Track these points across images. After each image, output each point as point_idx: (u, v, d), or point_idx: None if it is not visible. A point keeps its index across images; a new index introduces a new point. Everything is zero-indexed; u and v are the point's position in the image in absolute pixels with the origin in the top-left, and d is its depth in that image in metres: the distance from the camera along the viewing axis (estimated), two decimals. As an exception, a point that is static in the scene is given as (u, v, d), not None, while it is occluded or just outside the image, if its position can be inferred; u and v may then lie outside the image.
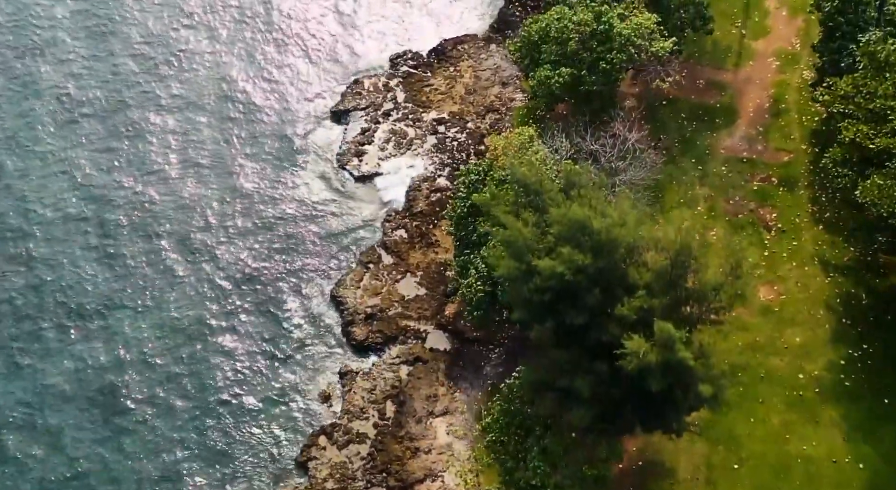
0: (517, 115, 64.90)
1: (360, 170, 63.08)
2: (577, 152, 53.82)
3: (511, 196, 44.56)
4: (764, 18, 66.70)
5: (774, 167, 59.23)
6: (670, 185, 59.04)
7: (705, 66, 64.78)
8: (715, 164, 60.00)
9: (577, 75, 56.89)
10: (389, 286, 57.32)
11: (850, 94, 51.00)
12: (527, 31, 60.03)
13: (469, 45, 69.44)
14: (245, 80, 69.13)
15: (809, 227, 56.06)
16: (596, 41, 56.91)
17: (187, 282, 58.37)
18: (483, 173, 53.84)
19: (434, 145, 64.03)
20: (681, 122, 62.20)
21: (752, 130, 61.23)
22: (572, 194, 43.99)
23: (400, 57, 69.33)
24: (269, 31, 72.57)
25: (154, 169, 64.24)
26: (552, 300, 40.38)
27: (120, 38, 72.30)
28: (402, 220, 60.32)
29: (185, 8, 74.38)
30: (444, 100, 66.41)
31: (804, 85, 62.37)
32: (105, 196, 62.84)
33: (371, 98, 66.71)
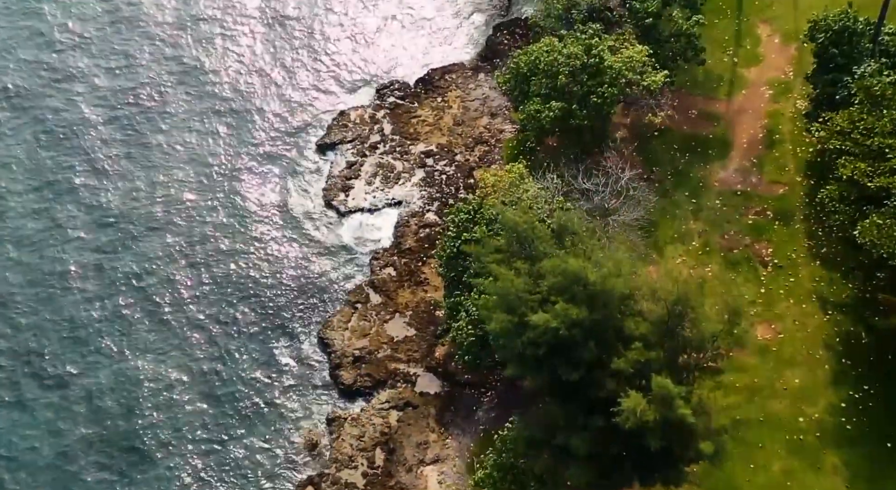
0: (507, 147, 63.68)
1: (346, 205, 61.63)
2: (568, 190, 52.55)
3: (502, 242, 43.23)
4: (756, 46, 65.67)
5: (769, 200, 58.09)
6: (664, 219, 57.83)
7: (697, 96, 63.65)
8: (709, 198, 58.84)
9: (567, 109, 55.72)
10: (378, 327, 55.86)
11: (846, 129, 49.99)
12: (515, 63, 58.85)
13: (457, 75, 68.16)
14: (228, 113, 67.52)
15: (806, 263, 54.94)
16: (586, 74, 55.74)
17: (169, 324, 56.71)
18: (473, 212, 52.56)
19: (422, 179, 62.66)
20: (673, 154, 61.05)
21: (746, 162, 60.13)
22: (565, 241, 42.81)
23: (386, 87, 67.98)
24: (251, 64, 70.90)
25: (128, 209, 62.76)
26: (546, 354, 39.04)
27: (87, 85, 70.26)
28: (390, 257, 58.89)
29: (164, 38, 72.86)
30: (432, 131, 65.08)
31: (798, 115, 61.31)
32: (80, 236, 61.37)
33: (357, 130, 65.33)
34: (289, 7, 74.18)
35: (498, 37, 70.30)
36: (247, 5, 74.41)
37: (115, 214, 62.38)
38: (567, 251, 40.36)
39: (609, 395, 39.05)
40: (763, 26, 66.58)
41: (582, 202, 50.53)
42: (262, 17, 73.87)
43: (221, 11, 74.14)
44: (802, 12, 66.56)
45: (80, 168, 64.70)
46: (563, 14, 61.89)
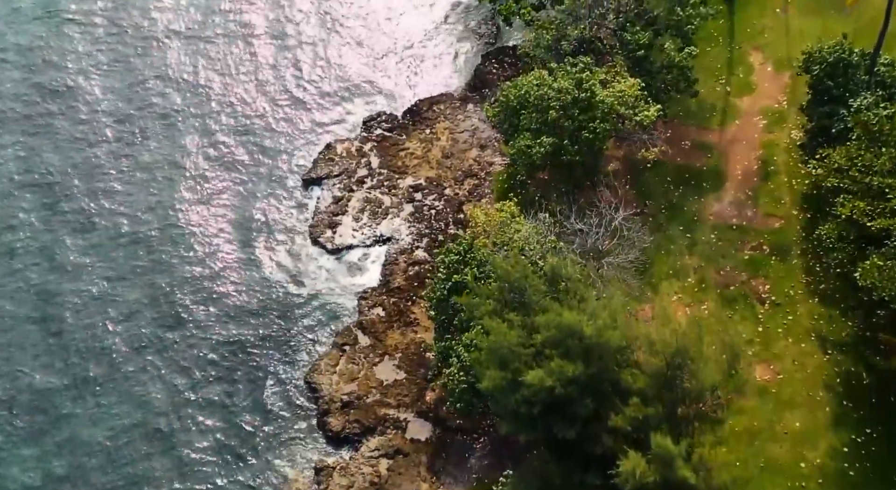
0: (496, 181, 62.36)
1: (333, 242, 60.10)
2: (561, 231, 51.20)
3: (493, 291, 41.86)
4: (749, 74, 64.58)
5: (765, 234, 56.90)
6: (658, 254, 56.51)
7: (690, 126, 62.47)
8: (704, 232, 57.62)
9: (558, 145, 54.48)
10: (367, 370, 54.33)
11: (843, 166, 48.90)
12: (505, 96, 57.59)
13: (445, 106, 66.84)
14: (209, 146, 65.88)
15: (804, 300, 53.71)
16: (578, 109, 54.53)
17: (150, 370, 55.02)
18: (463, 253, 51.17)
19: (411, 214, 61.24)
20: (666, 187, 59.81)
21: (741, 195, 58.95)
22: (559, 288, 41.51)
23: (373, 119, 66.54)
24: (232, 96, 69.13)
25: (111, 250, 61.08)
26: (541, 412, 37.65)
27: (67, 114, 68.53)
28: (378, 296, 57.40)
29: (139, 69, 71.18)
30: (421, 164, 63.71)
31: (793, 145, 60.23)
32: (60, 280, 59.76)
33: (344, 164, 63.89)
34: (272, 38, 72.53)
35: (486, 66, 69.03)
36: (229, 40, 72.63)
37: (87, 251, 60.81)
38: (561, 302, 38.99)
39: (606, 451, 37.76)
40: (755, 54, 65.55)
41: (575, 246, 49.14)
42: (244, 48, 72.13)
43: (203, 42, 72.70)
44: (794, 39, 65.69)
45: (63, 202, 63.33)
46: (553, 44, 60.75)
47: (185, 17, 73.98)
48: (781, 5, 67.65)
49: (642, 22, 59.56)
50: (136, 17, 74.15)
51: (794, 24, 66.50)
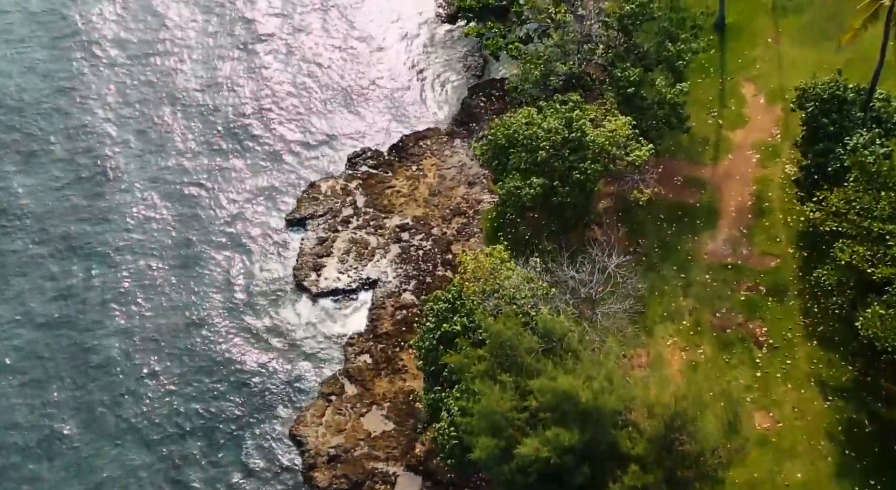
0: (485, 219, 60.80)
1: (318, 286, 58.35)
2: (553, 276, 49.63)
3: (485, 353, 40.26)
4: (741, 107, 63.32)
5: (761, 274, 55.53)
6: (652, 296, 55.06)
7: (682, 161, 61.13)
8: (698, 272, 56.21)
9: (549, 186, 53.06)
10: (354, 421, 52.55)
11: (842, 209, 47.63)
12: (493, 134, 56.16)
13: (432, 141, 65.29)
14: (189, 185, 64.04)
15: (803, 343, 52.32)
16: (568, 149, 53.15)
17: (122, 424, 53.06)
18: (452, 301, 49.57)
19: (398, 255, 59.58)
20: (659, 225, 58.42)
21: (736, 232, 57.58)
22: (553, 348, 39.98)
23: (358, 156, 64.86)
24: (213, 133, 67.25)
25: (83, 292, 59.13)
26: (536, 481, 36.05)
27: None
28: (365, 343, 55.68)
29: (116, 120, 68.67)
30: (408, 203, 62.11)
31: (787, 181, 58.95)
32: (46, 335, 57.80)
33: (329, 203, 62.18)
34: (253, 72, 70.76)
35: (473, 99, 67.55)
36: (211, 75, 70.83)
37: (58, 298, 58.96)
38: (555, 364, 37.43)
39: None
40: (747, 85, 64.33)
41: (567, 296, 47.57)
42: (225, 83, 70.31)
43: (183, 79, 70.98)
44: (787, 70, 64.58)
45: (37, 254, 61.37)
46: (541, 79, 59.37)
47: (166, 56, 72.02)
48: (773, 35, 66.56)
49: (632, 57, 58.26)
50: (103, 54, 72.45)
51: (787, 54, 65.40)
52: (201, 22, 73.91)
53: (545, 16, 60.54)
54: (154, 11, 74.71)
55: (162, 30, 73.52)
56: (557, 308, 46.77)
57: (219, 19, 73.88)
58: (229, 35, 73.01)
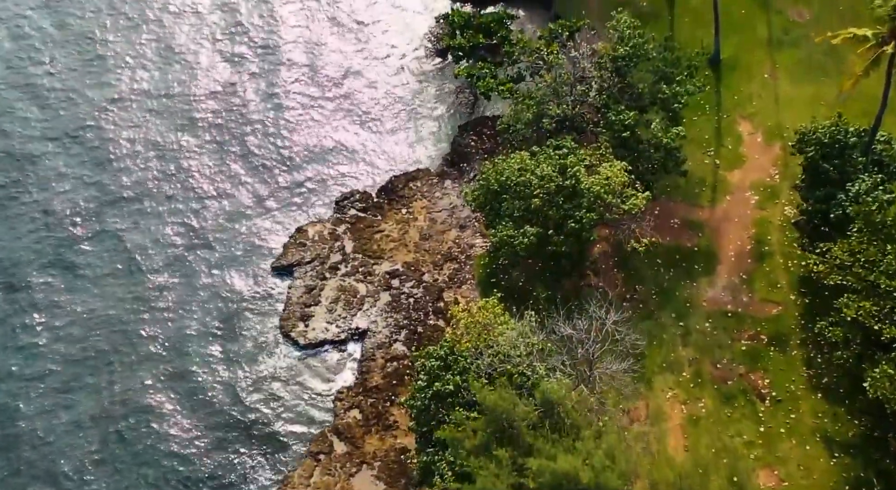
0: (478, 265, 59.03)
1: (305, 337, 56.40)
2: (548, 331, 47.92)
3: (481, 425, 38.50)
4: (738, 146, 61.83)
5: (763, 322, 53.94)
6: (651, 345, 53.42)
7: (679, 203, 59.56)
8: (698, 320, 54.59)
9: (543, 235, 51.41)
10: (343, 482, 50.58)
11: (846, 262, 46.12)
12: (485, 178, 54.52)
13: (422, 182, 63.53)
14: (171, 233, 61.89)
15: (807, 396, 50.73)
16: (562, 197, 51.55)
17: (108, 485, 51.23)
18: (445, 357, 47.82)
19: (388, 303, 57.72)
20: (657, 270, 56.80)
21: (735, 278, 56.00)
22: (552, 415, 38.26)
23: (346, 198, 62.93)
24: (197, 173, 65.20)
25: (66, 347, 56.96)
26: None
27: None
28: (355, 397, 53.78)
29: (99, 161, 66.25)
30: (398, 248, 60.31)
31: (787, 223, 57.48)
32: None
33: (316, 249, 60.30)
34: (238, 110, 68.51)
35: (464, 138, 65.78)
36: (192, 114, 68.40)
37: (44, 336, 57.02)
38: (554, 442, 35.67)
39: None
40: (744, 123, 62.86)
41: (565, 355, 45.85)
42: (206, 124, 67.94)
43: (165, 120, 69.01)
44: (784, 107, 63.23)
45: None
46: (534, 121, 57.76)
47: (147, 101, 69.53)
48: (769, 70, 65.17)
49: (626, 97, 56.71)
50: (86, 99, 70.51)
51: (784, 90, 64.03)
52: (182, 62, 71.78)
53: (537, 56, 59.05)
54: (126, 64, 71.82)
55: (138, 78, 70.78)
56: (554, 367, 45.08)
57: (201, 57, 71.85)
58: (211, 76, 70.69)
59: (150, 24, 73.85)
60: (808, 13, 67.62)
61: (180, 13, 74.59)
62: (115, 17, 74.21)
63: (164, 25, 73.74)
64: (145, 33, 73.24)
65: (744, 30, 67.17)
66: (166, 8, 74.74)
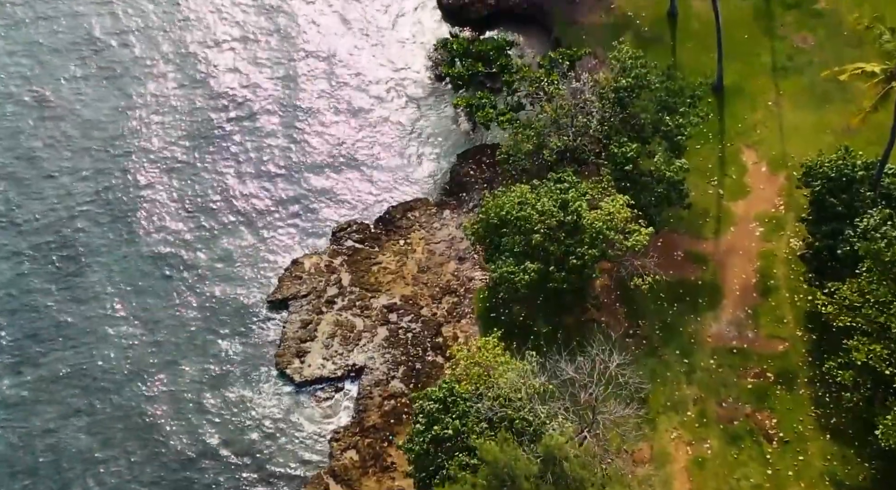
0: (477, 299, 57.79)
1: (301, 374, 55.14)
2: (550, 372, 46.66)
3: (481, 478, 37.24)
4: (742, 175, 60.63)
5: (769, 360, 52.70)
6: (654, 383, 52.21)
7: (682, 235, 58.30)
8: (702, 357, 53.37)
9: (544, 271, 50.21)
10: (340, 527, 49.47)
11: (856, 303, 44.92)
12: (485, 212, 53.34)
13: (420, 212, 62.33)
14: (165, 264, 60.58)
15: (816, 437, 49.48)
16: (563, 233, 50.38)
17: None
18: (444, 399, 46.50)
19: (385, 338, 56.50)
20: (660, 305, 55.55)
21: (740, 313, 54.79)
22: (555, 470, 37.00)
23: (343, 229, 61.66)
24: (192, 203, 63.90)
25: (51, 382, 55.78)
26: None
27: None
28: (351, 437, 52.51)
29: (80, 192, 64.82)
30: (395, 280, 59.08)
31: (793, 256, 56.27)
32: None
33: (313, 282, 59.08)
34: (232, 138, 67.10)
35: (463, 166, 64.57)
36: (187, 143, 66.98)
37: (38, 387, 55.68)
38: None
39: None
40: (748, 152, 61.67)
41: (567, 400, 44.59)
42: (201, 153, 66.46)
43: (153, 151, 67.67)
44: (789, 135, 62.06)
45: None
46: (534, 151, 56.60)
47: (132, 138, 67.69)
48: (773, 98, 64.01)
49: (628, 128, 55.58)
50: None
51: (788, 118, 62.83)
52: (178, 95, 70.31)
53: (537, 86, 57.96)
54: (124, 93, 70.22)
55: (131, 113, 69.09)
56: (556, 413, 43.84)
57: (194, 89, 70.44)
58: (204, 104, 69.33)
59: (122, 77, 71.38)
60: (812, 39, 66.54)
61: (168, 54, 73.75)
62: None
63: (141, 73, 72.00)
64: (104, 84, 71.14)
65: (747, 55, 66.04)
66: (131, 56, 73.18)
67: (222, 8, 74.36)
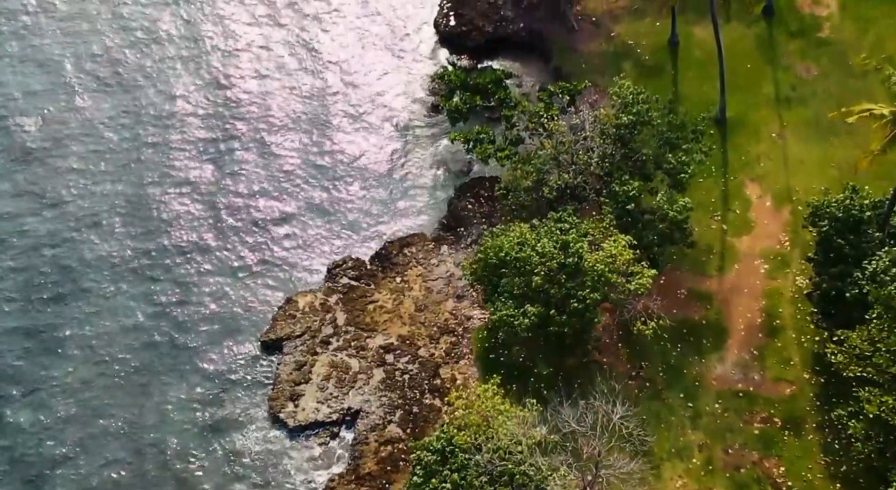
0: (476, 339, 56.34)
1: (295, 418, 53.57)
2: (552, 428, 45.24)
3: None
4: (746, 210, 59.31)
5: (776, 404, 51.29)
6: (658, 428, 50.81)
7: (685, 272, 56.93)
8: (707, 400, 51.95)
9: (544, 314, 48.85)
10: None
11: (866, 352, 43.56)
12: (484, 253, 51.98)
13: (417, 248, 60.93)
14: (155, 303, 59.03)
15: (825, 486, 47.95)
16: (565, 275, 49.02)
17: None
18: (442, 450, 45.08)
19: (382, 380, 54.99)
20: (663, 345, 54.05)
21: (746, 354, 53.41)
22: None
23: (338, 266, 60.18)
24: (184, 239, 62.41)
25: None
26: None
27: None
28: (347, 485, 50.90)
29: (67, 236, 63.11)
30: (392, 319, 57.63)
31: (799, 294, 54.93)
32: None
33: (307, 322, 57.59)
34: (225, 171, 65.68)
35: (461, 200, 63.15)
36: (184, 175, 65.75)
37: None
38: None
39: None
40: (752, 186, 60.37)
41: (568, 455, 43.18)
42: (195, 184, 65.27)
43: (149, 189, 66.25)
44: (794, 168, 60.81)
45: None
46: (534, 187, 55.30)
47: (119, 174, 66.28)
48: (777, 129, 62.78)
49: (629, 164, 54.28)
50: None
51: (792, 150, 61.60)
52: (161, 121, 69.11)
53: (536, 121, 56.67)
54: (101, 130, 68.83)
55: (121, 148, 67.80)
56: (558, 466, 42.40)
57: (183, 116, 69.24)
58: (195, 133, 68.06)
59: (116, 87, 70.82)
60: (815, 69, 65.32)
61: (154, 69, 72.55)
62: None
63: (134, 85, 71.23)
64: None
65: (750, 86, 64.82)
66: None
67: (194, 54, 72.83)
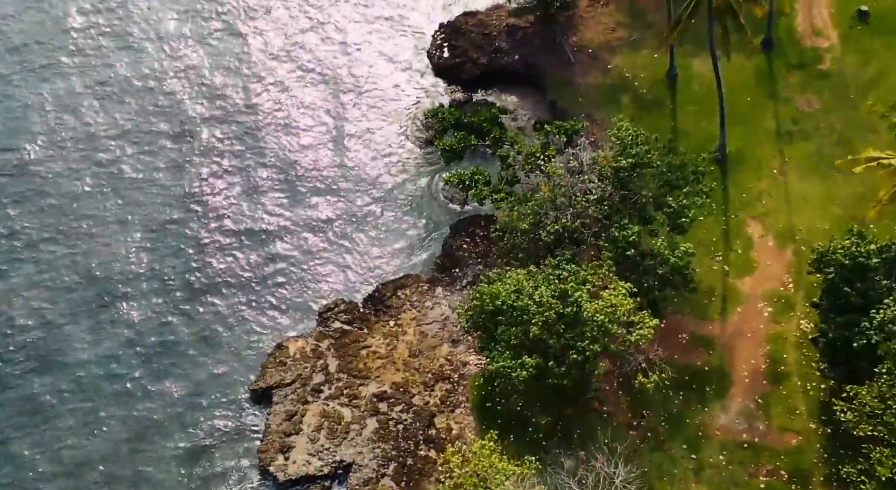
0: (472, 387, 54.68)
1: (285, 472, 51.74)
2: (551, 483, 43.73)
3: None
4: (748, 250, 57.84)
5: (782, 455, 49.70)
6: (660, 481, 49.24)
7: (687, 315, 55.37)
8: (711, 452, 50.35)
9: (543, 365, 47.28)
10: None
11: (877, 410, 42.04)
12: (479, 299, 50.41)
13: (411, 290, 59.29)
14: (139, 353, 57.35)
15: (834, 545, 46.67)
16: (563, 325, 47.48)
17: None
18: (437, 511, 43.64)
19: (375, 431, 53.27)
20: (665, 393, 52.35)
21: (750, 403, 51.83)
22: None
23: (330, 309, 58.47)
24: (172, 279, 60.83)
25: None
26: None
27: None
28: (339, 543, 49.52)
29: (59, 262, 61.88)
30: (385, 366, 55.98)
31: (804, 339, 53.41)
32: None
33: (298, 369, 55.89)
34: (211, 209, 64.11)
35: (456, 239, 61.49)
36: (167, 214, 64.28)
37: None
38: None
39: None
40: (754, 224, 58.92)
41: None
42: (179, 225, 63.59)
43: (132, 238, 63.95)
44: (796, 206, 59.39)
45: None
46: (531, 230, 53.75)
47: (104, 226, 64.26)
48: (779, 165, 61.37)
49: (628, 205, 52.79)
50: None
51: (794, 187, 60.18)
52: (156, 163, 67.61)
53: (533, 161, 55.20)
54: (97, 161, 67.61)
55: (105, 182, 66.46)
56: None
57: (168, 153, 67.73)
58: (183, 172, 66.38)
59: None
60: (817, 101, 64.01)
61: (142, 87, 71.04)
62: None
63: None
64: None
65: (750, 120, 63.44)
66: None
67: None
